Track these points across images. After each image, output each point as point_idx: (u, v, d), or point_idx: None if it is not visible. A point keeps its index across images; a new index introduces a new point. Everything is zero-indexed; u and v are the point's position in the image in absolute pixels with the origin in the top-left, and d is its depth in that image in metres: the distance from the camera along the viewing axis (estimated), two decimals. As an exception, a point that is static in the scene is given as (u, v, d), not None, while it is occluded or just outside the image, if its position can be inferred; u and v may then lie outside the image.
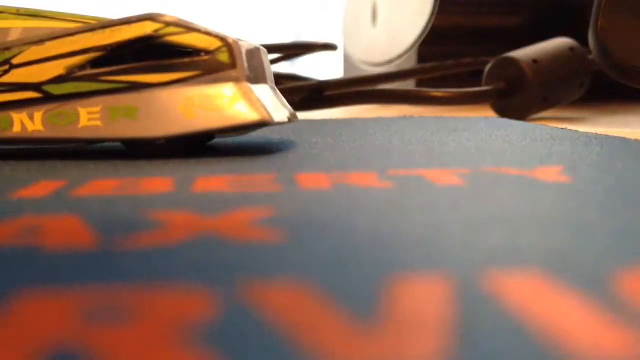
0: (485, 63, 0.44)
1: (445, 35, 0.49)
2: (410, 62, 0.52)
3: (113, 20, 0.18)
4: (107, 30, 0.18)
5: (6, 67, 0.18)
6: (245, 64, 0.18)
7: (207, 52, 0.18)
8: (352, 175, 0.14)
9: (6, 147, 0.21)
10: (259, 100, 0.18)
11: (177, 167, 0.16)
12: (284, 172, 0.15)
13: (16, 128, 0.18)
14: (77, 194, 0.13)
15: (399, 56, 0.55)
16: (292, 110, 0.20)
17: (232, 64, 0.18)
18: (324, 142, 0.21)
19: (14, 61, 0.18)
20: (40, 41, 0.18)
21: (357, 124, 0.27)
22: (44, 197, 0.12)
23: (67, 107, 0.18)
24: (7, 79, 0.18)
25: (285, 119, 0.19)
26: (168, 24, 0.18)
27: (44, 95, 0.18)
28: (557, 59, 0.37)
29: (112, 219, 0.10)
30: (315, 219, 0.10)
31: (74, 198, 0.12)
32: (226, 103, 0.18)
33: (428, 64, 0.44)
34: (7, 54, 0.18)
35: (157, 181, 0.14)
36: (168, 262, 0.08)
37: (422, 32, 0.49)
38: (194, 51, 0.18)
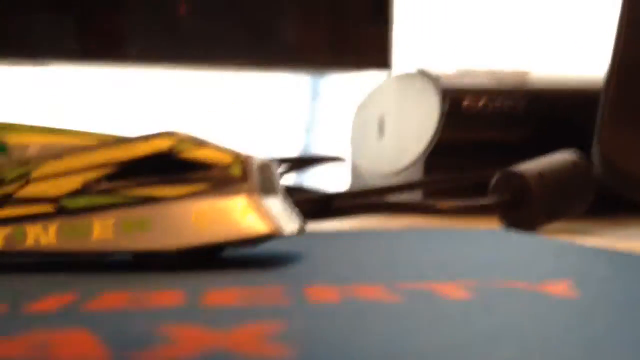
0: (490, 176, 0.45)
1: (450, 147, 0.50)
2: (417, 173, 0.53)
3: (130, 137, 0.19)
4: (124, 146, 0.19)
5: (24, 181, 0.19)
6: (257, 177, 0.19)
7: (220, 166, 0.19)
8: (360, 289, 0.14)
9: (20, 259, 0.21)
10: (269, 212, 0.19)
11: (187, 280, 0.16)
12: (292, 285, 0.15)
13: (30, 241, 0.18)
14: (87, 308, 0.13)
15: (406, 167, 0.55)
16: (301, 222, 0.21)
17: (244, 177, 0.19)
18: (332, 254, 0.21)
19: (33, 175, 0.19)
20: (58, 156, 0.19)
21: (365, 236, 0.28)
22: (54, 312, 0.12)
23: (81, 220, 0.18)
24: (25, 192, 0.19)
25: (295, 231, 0.19)
26: (183, 140, 0.19)
27: (59, 208, 0.18)
28: (562, 173, 0.38)
29: (123, 334, 0.10)
30: (324, 336, 0.10)
31: (84, 312, 0.12)
32: (237, 216, 0.18)
33: (434, 177, 0.45)
34: (26, 168, 0.19)
35: (167, 294, 0.14)
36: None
37: (429, 144, 0.50)
38: (207, 166, 0.19)
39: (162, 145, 0.19)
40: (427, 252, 0.21)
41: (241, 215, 0.18)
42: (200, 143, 0.19)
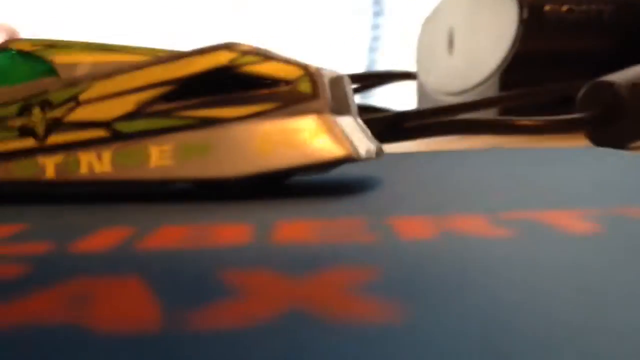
0: (576, 89, 0.41)
1: (529, 60, 0.46)
2: (491, 90, 0.50)
3: (186, 52, 0.17)
4: (180, 62, 0.17)
5: (73, 104, 0.17)
6: (329, 94, 0.17)
7: (287, 82, 0.16)
8: (458, 220, 0.12)
9: (73, 190, 0.20)
10: (344, 134, 0.16)
11: (254, 211, 0.14)
12: (376, 217, 0.13)
13: (83, 170, 0.17)
14: (142, 247, 0.11)
15: (479, 84, 0.52)
16: (379, 144, 0.19)
17: (315, 95, 0.16)
18: (414, 178, 0.19)
19: (82, 98, 0.17)
20: (109, 75, 0.17)
21: (448, 158, 0.25)
22: (104, 252, 0.11)
23: (137, 145, 0.17)
24: (74, 116, 0.17)
25: (373, 155, 0.17)
26: (245, 53, 0.16)
27: (113, 133, 0.17)
28: (659, 82, 0.34)
29: (181, 283, 0.08)
30: (431, 288, 0.08)
31: (137, 253, 0.10)
32: (308, 138, 0.16)
33: (514, 92, 0.42)
34: (74, 90, 0.17)
35: (232, 229, 0.12)
36: (248, 350, 0.06)
37: (506, 57, 0.46)
38: (273, 82, 0.16)
39: (222, 59, 0.16)
40: (520, 175, 0.19)
41: (312, 137, 0.16)
42: (264, 55, 0.16)
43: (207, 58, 0.17)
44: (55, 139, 0.17)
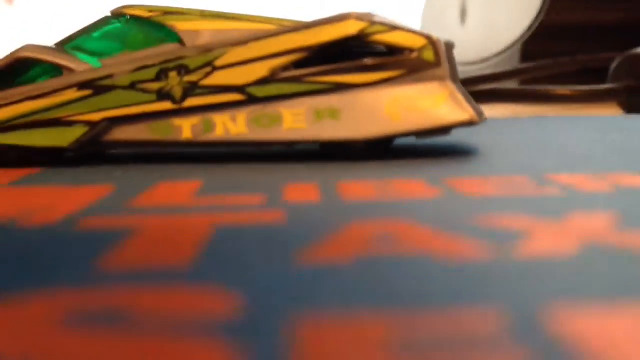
0: (602, 60, 0.43)
1: (551, 33, 0.48)
2: (511, 61, 0.51)
3: (314, 21, 0.18)
4: (312, 30, 0.18)
5: (209, 69, 0.18)
6: (447, 62, 0.18)
7: (412, 50, 0.18)
8: (624, 177, 0.14)
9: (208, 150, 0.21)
10: (464, 99, 0.18)
11: (422, 168, 0.16)
12: (534, 175, 0.14)
13: (219, 131, 0.18)
14: (345, 198, 0.12)
15: (498, 54, 0.53)
16: (481, 109, 0.20)
17: (437, 63, 0.18)
18: (510, 141, 0.21)
19: (217, 63, 0.18)
20: (243, 43, 0.18)
21: (518, 124, 0.27)
22: (313, 202, 0.12)
23: (270, 109, 0.18)
24: (210, 81, 0.18)
25: (483, 118, 0.19)
26: (373, 22, 0.18)
27: (247, 97, 0.18)
28: (690, 54, 0.36)
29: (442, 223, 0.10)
30: None
31: (344, 203, 0.12)
32: (434, 103, 0.17)
33: (544, 61, 0.43)
34: (209, 56, 0.18)
35: (412, 184, 0.14)
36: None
37: (529, 29, 0.48)
38: (396, 50, 0.18)
39: (352, 28, 0.18)
40: (616, 141, 0.20)
41: (438, 102, 0.17)
42: (391, 25, 0.18)
43: (338, 27, 0.18)
44: (191, 102, 0.18)
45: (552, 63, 0.43)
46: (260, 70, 0.18)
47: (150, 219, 0.11)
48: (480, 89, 0.38)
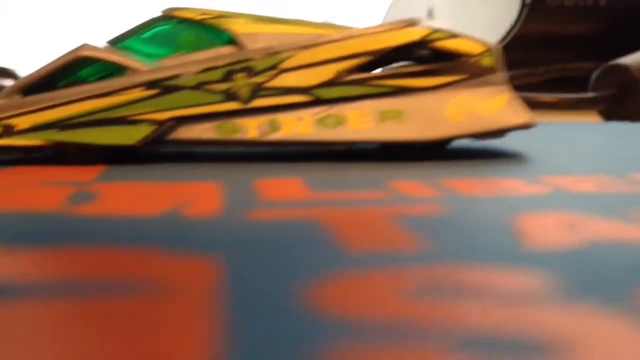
0: (577, 70, 0.45)
1: (525, 43, 0.50)
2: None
3: (376, 27, 0.19)
4: (375, 36, 0.18)
5: (275, 71, 0.18)
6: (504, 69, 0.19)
7: (472, 56, 0.19)
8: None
9: (263, 149, 0.21)
10: (521, 103, 0.19)
11: (518, 168, 0.17)
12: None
13: (285, 130, 0.18)
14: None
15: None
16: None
17: (496, 68, 0.19)
18: (529, 145, 0.22)
19: (283, 65, 0.18)
20: (308, 47, 0.18)
21: (551, 129, 0.28)
22: (426, 196, 0.13)
23: (335, 110, 0.18)
24: (276, 82, 0.18)
25: (534, 122, 0.20)
26: (435, 29, 0.18)
27: (313, 98, 0.18)
28: (665, 65, 0.38)
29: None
30: None
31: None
32: (493, 107, 0.18)
33: (520, 71, 0.45)
34: (275, 59, 0.18)
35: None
36: None
37: (503, 39, 0.50)
38: (455, 56, 0.19)
39: (415, 35, 0.18)
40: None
41: (497, 106, 0.18)
42: (451, 32, 0.19)
43: (402, 33, 0.18)
44: (258, 102, 0.18)
45: (528, 72, 0.45)
46: (326, 72, 0.18)
47: (323, 211, 0.11)
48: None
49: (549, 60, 0.46)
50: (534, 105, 0.39)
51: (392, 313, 0.06)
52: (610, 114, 0.39)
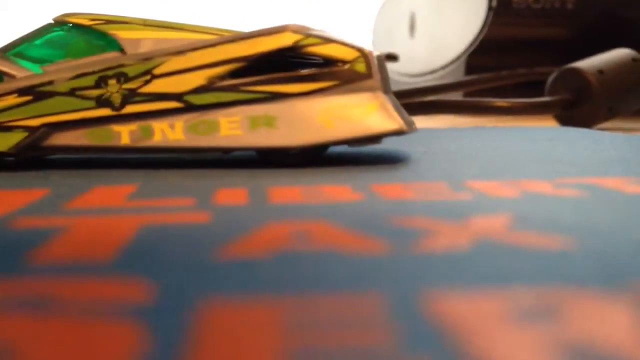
0: (541, 74, 0.45)
1: (494, 47, 0.49)
2: (456, 74, 0.53)
3: (252, 32, 0.19)
4: (249, 41, 0.18)
5: (148, 77, 0.18)
6: (379, 74, 0.19)
7: (345, 62, 0.18)
8: (529, 184, 0.14)
9: (150, 155, 0.21)
10: (394, 109, 0.19)
11: (351, 175, 0.16)
12: (453, 181, 0.15)
13: (157, 137, 0.18)
14: (272, 202, 0.13)
15: (443, 67, 0.55)
16: (410, 119, 0.21)
17: (369, 74, 0.18)
18: (442, 150, 0.22)
19: (156, 71, 0.18)
20: (182, 52, 0.18)
21: (453, 134, 0.28)
22: (241, 205, 0.13)
23: (208, 116, 0.18)
24: (148, 89, 0.18)
25: (412, 128, 0.19)
26: (308, 35, 0.18)
27: (185, 105, 0.18)
28: (621, 69, 0.38)
29: (370, 223, 0.11)
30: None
31: (270, 206, 0.12)
32: (365, 113, 0.18)
33: (486, 75, 0.45)
34: (148, 65, 0.18)
35: (336, 189, 0.14)
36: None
37: (473, 42, 0.49)
38: (329, 62, 0.18)
39: (287, 40, 0.18)
40: (550, 149, 0.21)
41: (369, 112, 0.18)
42: (325, 37, 0.18)
43: (274, 39, 0.18)
44: (130, 109, 0.18)
45: (494, 76, 0.45)
46: (198, 79, 0.18)
47: (80, 220, 0.11)
48: (423, 100, 0.39)
49: (518, 64, 0.46)
50: (488, 110, 0.38)
51: None
52: (565, 118, 0.38)
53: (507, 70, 0.45)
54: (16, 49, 0.20)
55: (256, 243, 0.09)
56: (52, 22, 0.21)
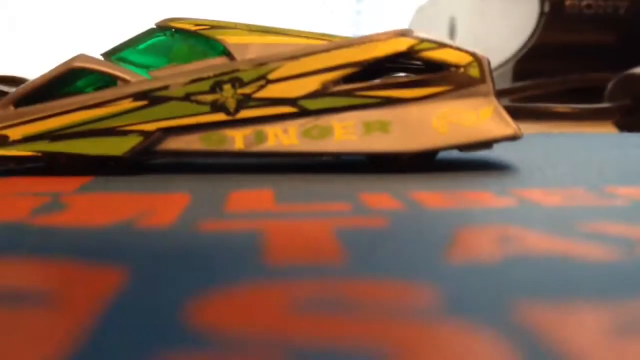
0: (595, 80, 0.44)
1: (544, 52, 0.49)
2: (503, 79, 0.53)
3: (364, 37, 0.19)
4: (362, 46, 0.18)
5: (263, 82, 0.19)
6: (491, 79, 0.19)
7: (459, 67, 0.18)
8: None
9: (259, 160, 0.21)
10: (507, 114, 0.19)
11: (488, 180, 0.16)
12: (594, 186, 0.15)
13: (271, 142, 0.18)
14: (428, 206, 0.13)
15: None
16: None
17: (482, 79, 0.19)
18: (529, 157, 0.22)
19: (270, 77, 0.18)
20: (296, 57, 0.19)
21: (540, 140, 0.28)
22: (392, 209, 0.13)
23: (321, 121, 0.18)
24: (263, 94, 0.18)
25: (521, 134, 0.19)
26: (422, 40, 0.18)
27: (299, 110, 0.18)
28: (682, 75, 0.37)
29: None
30: None
31: (426, 209, 0.12)
32: (479, 118, 0.18)
33: (536, 81, 0.44)
34: (263, 70, 0.19)
35: (480, 194, 0.14)
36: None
37: (522, 48, 0.49)
38: (443, 66, 0.19)
39: (402, 45, 0.18)
40: (618, 157, 0.21)
41: (483, 117, 0.18)
42: (438, 42, 0.18)
43: (388, 44, 0.18)
44: (244, 113, 0.18)
45: (545, 82, 0.45)
46: (313, 84, 0.18)
47: (269, 223, 0.11)
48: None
49: (568, 70, 0.46)
50: (548, 115, 0.38)
51: (264, 327, 0.06)
52: (625, 125, 0.38)
53: (557, 75, 0.45)
54: (119, 54, 0.20)
55: (473, 247, 0.09)
56: (155, 27, 0.21)
